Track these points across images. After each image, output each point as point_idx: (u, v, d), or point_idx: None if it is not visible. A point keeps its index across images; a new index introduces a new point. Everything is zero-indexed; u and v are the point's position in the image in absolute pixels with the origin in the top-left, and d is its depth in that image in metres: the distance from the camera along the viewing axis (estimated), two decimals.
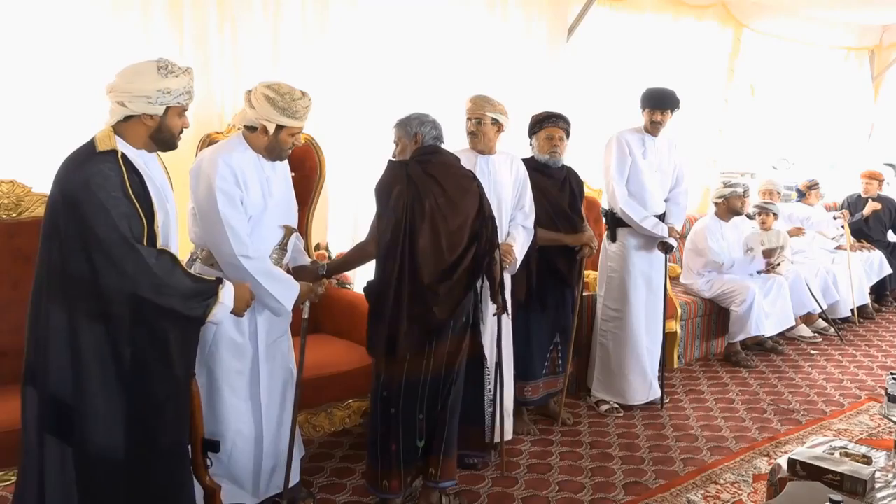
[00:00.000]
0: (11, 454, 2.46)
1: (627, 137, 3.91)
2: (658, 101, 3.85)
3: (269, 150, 2.56)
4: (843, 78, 7.24)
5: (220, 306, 2.13)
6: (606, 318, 4.02)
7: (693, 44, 5.77)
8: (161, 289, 2.01)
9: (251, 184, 2.51)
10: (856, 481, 2.32)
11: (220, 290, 2.13)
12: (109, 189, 1.97)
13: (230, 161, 2.47)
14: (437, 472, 2.82)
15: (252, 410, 2.68)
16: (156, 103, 2.07)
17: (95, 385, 2.00)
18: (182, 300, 2.05)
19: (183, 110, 2.16)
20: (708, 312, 4.94)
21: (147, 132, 2.12)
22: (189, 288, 2.07)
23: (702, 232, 4.91)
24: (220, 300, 2.12)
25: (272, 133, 2.50)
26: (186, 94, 2.13)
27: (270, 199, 2.58)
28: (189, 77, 2.13)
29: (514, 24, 4.68)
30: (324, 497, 3.02)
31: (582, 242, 3.60)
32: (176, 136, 2.18)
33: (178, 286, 2.04)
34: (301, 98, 2.51)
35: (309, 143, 3.60)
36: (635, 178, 3.90)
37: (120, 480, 2.05)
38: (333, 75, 3.90)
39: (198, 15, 3.45)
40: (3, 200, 2.92)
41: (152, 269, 1.99)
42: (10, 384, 2.74)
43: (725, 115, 6.26)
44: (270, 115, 2.47)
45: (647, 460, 3.40)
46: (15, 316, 2.83)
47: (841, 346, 5.25)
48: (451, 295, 2.68)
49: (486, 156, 3.28)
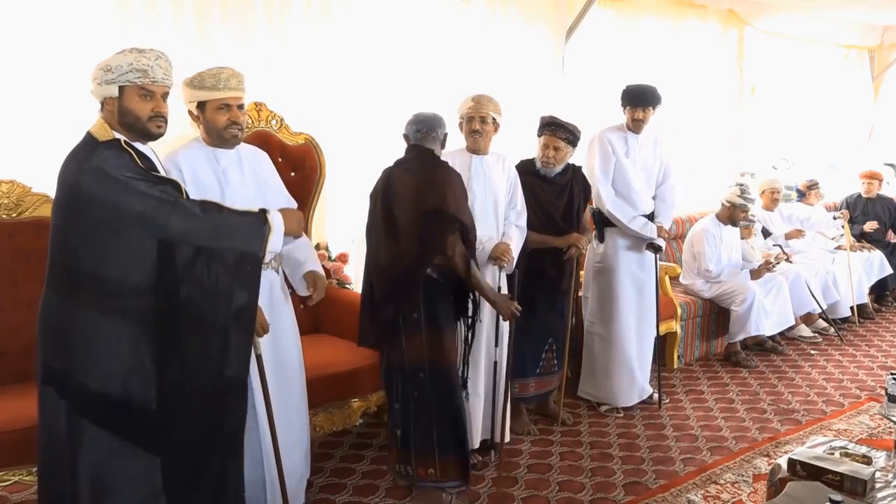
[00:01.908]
0: (11, 454, 2.47)
1: (610, 136, 3.84)
2: (638, 99, 3.80)
3: (210, 134, 2.50)
4: (843, 78, 7.24)
5: (274, 233, 2.16)
6: (594, 320, 3.99)
7: (696, 44, 5.77)
8: (217, 230, 2.05)
9: (201, 175, 2.45)
10: (856, 481, 2.32)
11: (268, 217, 2.17)
12: (126, 170, 1.98)
13: (174, 158, 2.46)
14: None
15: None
16: (102, 83, 2.06)
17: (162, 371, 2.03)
18: (240, 237, 2.09)
19: (144, 92, 2.07)
20: (708, 312, 4.94)
21: (114, 119, 2.09)
22: (241, 223, 2.11)
23: (700, 235, 4.90)
24: (272, 227, 2.16)
25: (201, 115, 2.47)
26: (134, 71, 2.04)
27: (228, 188, 2.49)
28: (136, 55, 2.06)
29: (513, 25, 4.67)
30: (324, 497, 3.02)
31: (569, 243, 3.57)
32: (143, 121, 2.08)
33: (232, 224, 2.09)
34: (216, 71, 2.43)
35: (309, 144, 3.61)
36: (621, 177, 3.84)
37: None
38: (334, 76, 3.90)
39: (201, 16, 3.45)
40: (3, 200, 2.92)
41: (202, 217, 2.03)
42: (10, 384, 2.76)
43: (732, 115, 6.25)
44: (189, 96, 2.47)
45: (647, 460, 3.40)
46: (14, 316, 2.85)
47: (841, 346, 5.25)
48: (389, 292, 2.78)
49: (479, 156, 3.28)
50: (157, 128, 2.12)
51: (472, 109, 3.22)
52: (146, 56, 2.07)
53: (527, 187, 3.48)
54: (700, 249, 4.85)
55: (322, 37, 3.87)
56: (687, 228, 5.37)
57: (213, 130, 2.48)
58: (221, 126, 2.46)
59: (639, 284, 3.95)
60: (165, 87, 2.13)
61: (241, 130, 2.51)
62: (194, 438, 2.09)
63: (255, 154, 2.68)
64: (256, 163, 2.64)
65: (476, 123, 3.21)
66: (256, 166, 2.63)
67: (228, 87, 2.43)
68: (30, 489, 2.92)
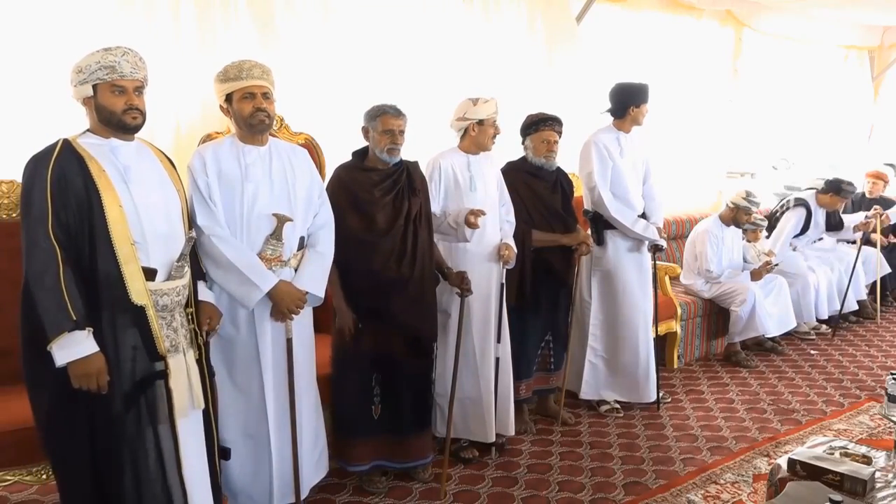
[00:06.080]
0: (11, 454, 2.47)
1: (604, 140, 3.83)
2: (646, 95, 3.84)
3: (239, 125, 2.58)
4: (843, 78, 7.24)
5: (58, 348, 1.98)
6: (595, 322, 3.97)
7: (693, 43, 5.77)
8: (42, 303, 2.00)
9: (225, 169, 2.53)
10: (856, 481, 2.32)
11: (65, 329, 1.97)
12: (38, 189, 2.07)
13: (202, 152, 2.57)
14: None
15: (253, 416, 2.61)
16: (76, 84, 2.14)
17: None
18: (45, 319, 1.99)
19: (115, 87, 2.12)
20: (708, 312, 4.94)
21: (94, 117, 2.17)
22: (53, 310, 1.98)
23: (702, 235, 4.90)
24: (60, 338, 1.97)
25: (229, 107, 2.56)
26: (103, 69, 2.10)
27: (249, 183, 2.54)
28: (103, 53, 2.11)
29: (513, 25, 4.67)
30: (324, 497, 3.02)
31: (579, 241, 3.61)
32: (118, 115, 2.13)
33: (48, 306, 2.00)
34: (238, 63, 2.53)
35: (309, 143, 3.60)
36: (617, 180, 3.84)
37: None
38: (334, 75, 3.89)
39: (202, 17, 3.45)
40: (3, 200, 2.92)
41: (34, 279, 2.05)
42: (11, 384, 2.74)
43: (728, 114, 6.25)
44: (218, 89, 2.56)
45: (648, 460, 3.40)
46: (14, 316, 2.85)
47: (840, 346, 5.25)
48: None
49: (475, 155, 3.32)
50: (132, 119, 2.16)
51: (496, 114, 3.28)
52: (112, 53, 2.12)
53: (526, 186, 3.50)
54: (702, 250, 4.85)
55: (322, 36, 3.86)
56: (687, 228, 5.37)
57: (241, 120, 2.55)
58: (247, 114, 2.53)
59: (639, 286, 3.95)
60: (136, 81, 2.17)
61: (270, 118, 2.58)
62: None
63: (291, 151, 2.73)
64: (290, 160, 2.68)
65: (493, 127, 3.27)
66: (289, 163, 2.67)
67: (251, 76, 2.51)
68: (30, 489, 2.94)
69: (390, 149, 2.91)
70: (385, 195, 2.92)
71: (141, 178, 2.18)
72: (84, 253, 2.05)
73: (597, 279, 3.95)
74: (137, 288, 2.09)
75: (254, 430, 2.62)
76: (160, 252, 2.17)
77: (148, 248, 2.14)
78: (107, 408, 2.09)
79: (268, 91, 2.56)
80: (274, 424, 2.62)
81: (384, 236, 2.88)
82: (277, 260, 2.59)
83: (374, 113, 2.92)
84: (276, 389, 2.62)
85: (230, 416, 2.59)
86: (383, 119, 2.89)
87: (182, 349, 2.23)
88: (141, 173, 2.19)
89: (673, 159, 5.74)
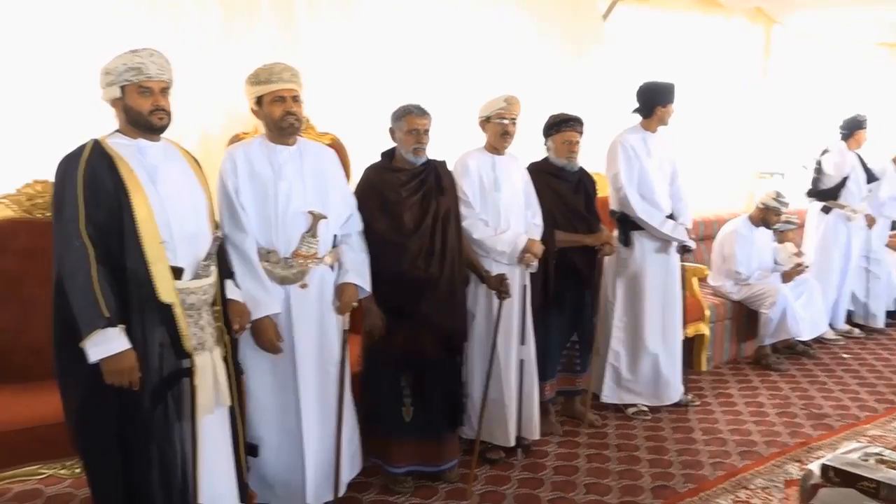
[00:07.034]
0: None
1: (630, 141, 3.80)
2: (673, 94, 3.81)
3: (269, 128, 2.62)
4: (876, 76, 7.08)
5: (91, 345, 2.01)
6: (619, 324, 3.94)
7: (722, 41, 5.69)
8: (73, 296, 2.03)
9: (257, 168, 2.56)
10: (893, 489, 2.27)
11: (100, 327, 1.99)
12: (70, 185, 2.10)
13: (233, 152, 2.61)
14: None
15: (287, 410, 2.62)
16: (105, 86, 2.17)
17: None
18: (79, 316, 2.02)
19: (142, 89, 2.15)
20: (737, 314, 4.86)
21: (123, 118, 2.20)
22: (84, 308, 2.00)
23: (731, 236, 4.83)
24: (93, 339, 2.00)
25: (260, 109, 2.59)
26: (130, 71, 2.13)
27: (282, 181, 2.57)
28: (130, 56, 2.14)
29: (538, 24, 4.64)
30: (351, 495, 3.00)
31: (602, 241, 3.58)
32: (145, 115, 2.16)
33: (79, 304, 2.03)
34: (269, 66, 2.55)
35: (335, 144, 3.61)
36: (644, 181, 3.81)
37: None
38: (359, 75, 3.91)
39: (227, 17, 3.47)
40: (38, 200, 2.97)
41: (70, 278, 2.06)
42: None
43: (758, 114, 6.16)
44: (249, 93, 2.59)
45: (676, 463, 3.36)
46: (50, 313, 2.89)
47: (875, 350, 5.14)
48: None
49: (500, 156, 3.30)
50: (158, 120, 2.20)
51: (504, 110, 3.23)
52: (139, 55, 2.15)
53: (548, 187, 3.49)
54: (730, 251, 4.78)
55: (345, 36, 3.88)
56: (715, 229, 5.29)
57: (272, 123, 2.59)
58: (278, 117, 2.56)
59: (666, 287, 3.91)
60: (162, 82, 2.19)
61: (299, 121, 2.61)
62: None
63: (320, 151, 2.78)
64: (319, 160, 2.72)
65: (510, 125, 3.23)
66: (319, 163, 2.71)
67: (281, 79, 2.54)
68: (64, 482, 2.99)
69: (416, 149, 2.91)
70: (412, 195, 2.92)
71: (168, 178, 2.21)
72: (113, 252, 2.07)
73: (622, 281, 3.91)
74: (165, 287, 2.11)
75: (288, 425, 2.64)
76: (187, 251, 2.19)
77: (175, 248, 2.16)
78: (136, 404, 2.11)
79: (297, 94, 2.59)
80: (307, 419, 2.63)
81: (412, 236, 2.87)
82: (314, 257, 2.62)
83: (400, 113, 2.94)
84: (310, 384, 2.64)
85: (266, 411, 2.62)
86: (408, 119, 2.89)
87: (208, 347, 2.25)
88: (168, 173, 2.22)
89: (702, 159, 5.67)
